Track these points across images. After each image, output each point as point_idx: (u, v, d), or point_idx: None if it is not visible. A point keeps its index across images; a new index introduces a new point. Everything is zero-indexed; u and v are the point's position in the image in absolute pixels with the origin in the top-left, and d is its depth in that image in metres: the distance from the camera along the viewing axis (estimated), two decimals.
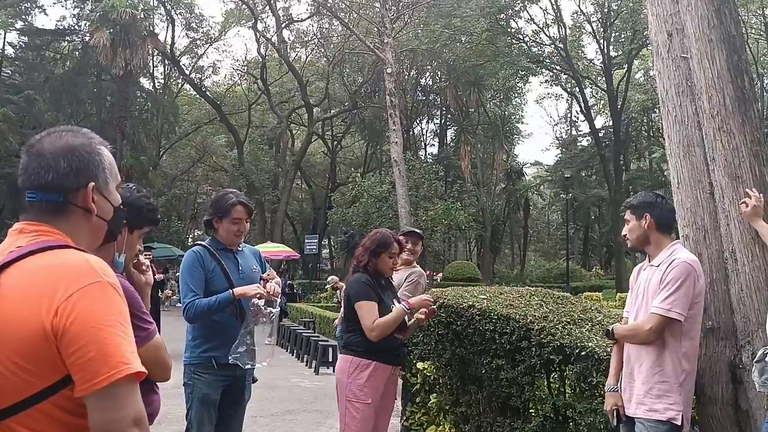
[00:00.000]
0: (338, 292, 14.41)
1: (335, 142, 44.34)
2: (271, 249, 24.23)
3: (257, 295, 3.85)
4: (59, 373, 1.37)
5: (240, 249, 4.15)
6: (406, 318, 4.05)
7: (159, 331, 2.18)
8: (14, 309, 1.38)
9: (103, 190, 1.60)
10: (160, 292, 16.53)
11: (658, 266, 3.35)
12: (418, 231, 5.66)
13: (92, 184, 1.57)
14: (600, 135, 41.34)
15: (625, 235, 3.55)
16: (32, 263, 1.43)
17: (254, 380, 4.03)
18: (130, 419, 1.37)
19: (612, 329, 3.48)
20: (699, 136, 3.64)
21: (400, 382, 4.91)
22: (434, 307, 4.11)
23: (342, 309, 4.52)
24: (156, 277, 13.59)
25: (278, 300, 4.02)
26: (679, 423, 3.20)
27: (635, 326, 3.37)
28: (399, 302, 4.14)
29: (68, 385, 1.38)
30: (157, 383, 2.39)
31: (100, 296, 1.40)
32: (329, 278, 18.10)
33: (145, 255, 2.62)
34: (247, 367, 3.84)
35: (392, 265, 4.18)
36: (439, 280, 29.05)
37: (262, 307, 3.87)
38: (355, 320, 4.03)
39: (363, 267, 4.13)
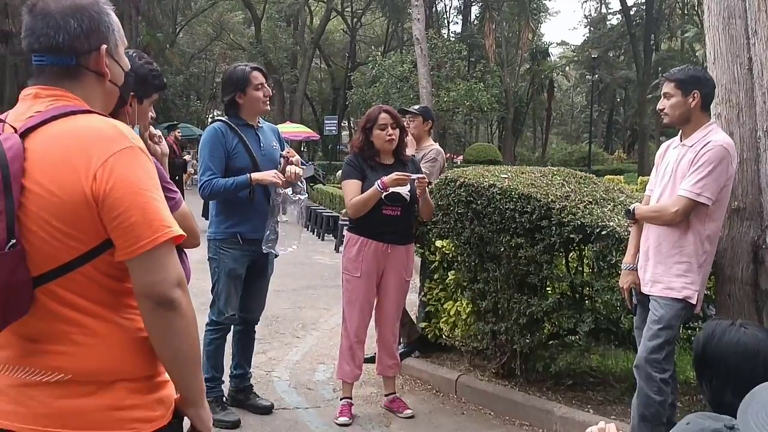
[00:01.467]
0: None
1: (355, 20, 42.85)
2: (291, 129, 24.11)
3: (275, 182, 3.83)
4: (99, 238, 1.38)
5: (260, 125, 4.10)
6: (405, 194, 4.03)
7: None
8: (49, 175, 1.36)
9: (114, 54, 1.54)
10: (184, 173, 16.65)
11: (692, 146, 3.23)
12: (412, 109, 5.38)
13: (104, 46, 1.50)
14: (631, 12, 39.48)
15: (662, 110, 3.33)
16: (59, 128, 1.40)
17: (276, 254, 4.09)
18: (173, 280, 1.40)
19: (633, 209, 3.44)
20: (741, 6, 3.42)
21: (418, 259, 4.97)
22: (416, 176, 4.01)
23: None
24: (179, 159, 13.61)
25: (303, 186, 4.01)
26: (694, 302, 3.22)
27: (660, 207, 3.31)
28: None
29: (108, 249, 1.39)
30: (185, 252, 2.42)
31: (133, 161, 1.39)
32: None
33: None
34: (280, 252, 3.93)
35: (387, 138, 4.09)
36: (459, 163, 28.94)
37: (290, 195, 3.88)
38: None
39: (358, 148, 4.18)
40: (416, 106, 5.52)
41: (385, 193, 3.97)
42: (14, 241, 1.34)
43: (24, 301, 1.38)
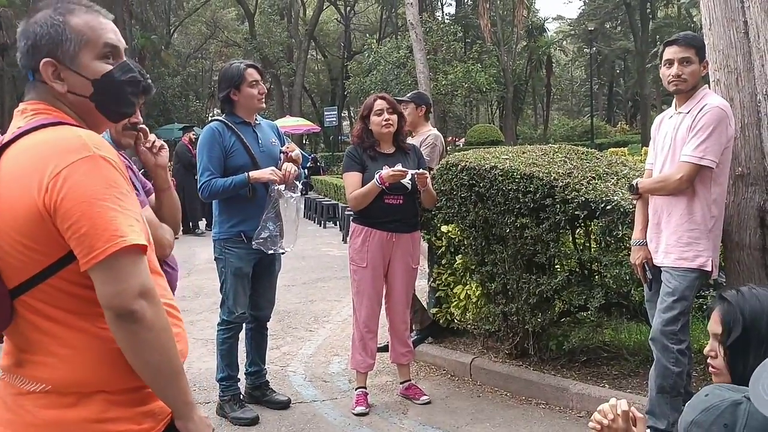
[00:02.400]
0: None
1: (348, 8, 42.61)
2: (291, 123, 24.11)
3: (273, 179, 3.82)
4: (63, 249, 1.37)
5: (257, 122, 4.09)
6: (405, 183, 4.02)
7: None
8: (10, 189, 1.37)
9: (69, 63, 1.47)
10: None
11: (688, 112, 3.22)
12: (402, 98, 5.36)
13: (45, 60, 1.46)
14: None
15: (680, 75, 3.21)
16: (26, 142, 1.41)
17: (284, 252, 4.09)
18: (134, 291, 1.35)
19: (636, 183, 3.41)
20: None
21: (425, 245, 4.97)
22: (415, 171, 4.01)
23: None
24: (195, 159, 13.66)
25: (299, 185, 3.99)
26: (708, 269, 3.22)
27: (664, 177, 3.29)
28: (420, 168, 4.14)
29: (75, 259, 1.37)
30: (170, 262, 2.41)
31: (90, 170, 1.35)
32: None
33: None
34: (270, 252, 3.87)
35: (384, 123, 4.08)
36: (461, 145, 28.84)
37: (284, 192, 3.85)
38: None
39: (359, 138, 4.20)
40: (408, 94, 5.48)
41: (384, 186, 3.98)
42: None
43: (5, 312, 1.40)
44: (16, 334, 1.44)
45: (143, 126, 2.33)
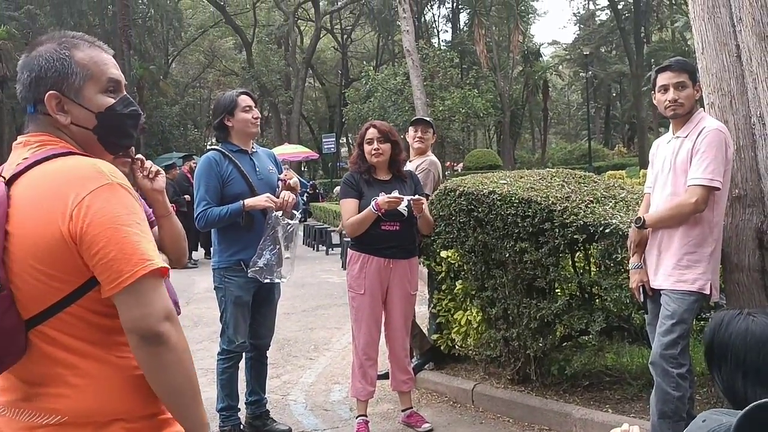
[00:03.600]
0: None
1: (345, 36, 43.11)
2: (290, 151, 24.16)
3: (268, 206, 3.82)
4: (84, 276, 1.39)
5: (254, 150, 4.11)
6: (402, 210, 4.03)
7: None
8: (29, 218, 1.38)
9: (74, 96, 1.52)
10: None
11: (687, 136, 3.23)
12: (427, 118, 5.52)
13: (51, 92, 1.50)
14: (619, 7, 39.58)
15: (677, 100, 3.25)
16: (39, 171, 1.43)
17: (281, 281, 4.08)
18: (160, 314, 1.39)
19: (643, 219, 3.35)
20: None
21: (424, 270, 4.96)
22: (411, 198, 4.01)
23: None
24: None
25: (297, 213, 3.99)
26: (707, 292, 3.20)
27: (676, 205, 3.23)
28: (416, 194, 4.15)
29: (93, 287, 1.40)
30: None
31: (111, 197, 1.40)
32: None
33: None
34: (265, 281, 3.85)
35: (373, 152, 4.11)
36: (459, 170, 28.94)
37: (281, 219, 3.85)
38: None
39: (355, 164, 4.23)
40: (426, 118, 5.58)
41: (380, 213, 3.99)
42: (1, 285, 1.36)
43: (18, 345, 1.40)
44: (25, 367, 1.43)
45: (140, 156, 2.32)
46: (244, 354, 4.13)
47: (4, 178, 1.44)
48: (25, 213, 1.39)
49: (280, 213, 3.84)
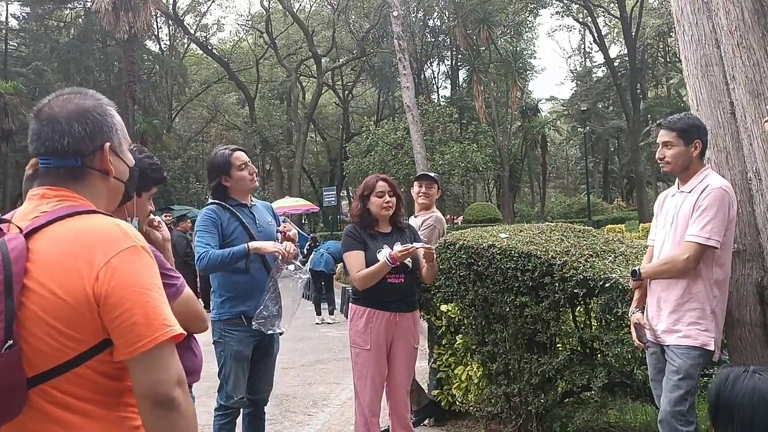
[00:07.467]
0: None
1: (346, 92, 43.84)
2: (291, 204, 24.26)
3: (275, 252, 3.82)
4: (98, 338, 1.39)
5: (253, 203, 4.13)
6: (407, 261, 4.02)
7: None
8: (52, 275, 1.38)
9: (118, 151, 1.60)
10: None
11: (690, 192, 3.26)
12: (431, 174, 5.56)
13: (108, 144, 1.55)
14: (615, 64, 40.35)
15: (663, 158, 3.32)
16: (63, 228, 1.43)
17: (281, 332, 4.04)
18: (174, 379, 1.39)
19: (638, 270, 3.39)
20: (717, 54, 3.51)
21: (425, 325, 4.93)
22: (421, 246, 4.00)
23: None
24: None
25: (297, 264, 3.97)
26: (711, 348, 3.18)
27: (668, 259, 3.26)
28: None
29: (105, 349, 1.39)
30: (195, 339, 2.38)
31: (136, 260, 1.42)
32: None
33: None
34: (269, 332, 3.81)
35: (385, 205, 4.11)
36: (459, 224, 29.00)
37: (291, 272, 3.81)
38: None
39: (358, 216, 4.19)
40: (430, 173, 5.60)
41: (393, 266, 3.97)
42: (11, 342, 1.34)
43: (17, 403, 1.37)
44: (22, 425, 1.40)
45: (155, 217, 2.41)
46: (241, 410, 4.06)
47: (20, 228, 1.43)
48: (46, 269, 1.38)
49: (292, 267, 3.81)
